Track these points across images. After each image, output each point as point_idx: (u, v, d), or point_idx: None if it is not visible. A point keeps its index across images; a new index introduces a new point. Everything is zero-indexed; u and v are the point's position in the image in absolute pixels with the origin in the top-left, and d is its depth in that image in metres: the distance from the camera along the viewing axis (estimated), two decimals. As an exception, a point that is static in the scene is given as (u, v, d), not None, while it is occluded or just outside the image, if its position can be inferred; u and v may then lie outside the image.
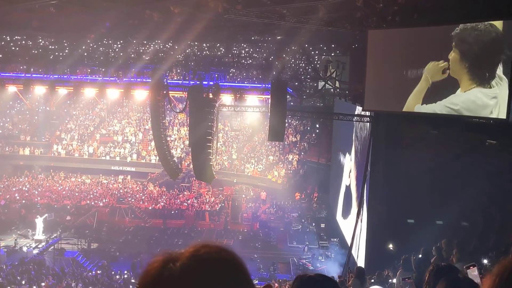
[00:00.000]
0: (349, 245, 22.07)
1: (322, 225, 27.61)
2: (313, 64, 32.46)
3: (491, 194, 14.85)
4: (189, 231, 27.50)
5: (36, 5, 21.24)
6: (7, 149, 35.56)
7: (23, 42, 35.87)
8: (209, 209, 29.45)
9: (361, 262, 18.76)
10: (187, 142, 32.91)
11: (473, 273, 3.96)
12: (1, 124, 37.69)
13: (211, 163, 22.34)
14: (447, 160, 18.63)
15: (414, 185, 17.75)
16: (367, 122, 19.22)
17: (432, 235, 13.74)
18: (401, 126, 18.97)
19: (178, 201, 30.18)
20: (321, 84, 27.88)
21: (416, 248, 12.21)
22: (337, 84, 24.73)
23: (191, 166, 26.41)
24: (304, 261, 23.79)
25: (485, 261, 9.97)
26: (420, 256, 10.56)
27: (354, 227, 20.20)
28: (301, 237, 26.29)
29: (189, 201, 30.06)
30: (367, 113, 18.94)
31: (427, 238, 13.76)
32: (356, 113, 20.35)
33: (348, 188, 23.93)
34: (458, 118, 16.10)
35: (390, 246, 17.43)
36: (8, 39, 35.21)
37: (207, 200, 30.57)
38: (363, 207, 19.19)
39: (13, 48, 35.52)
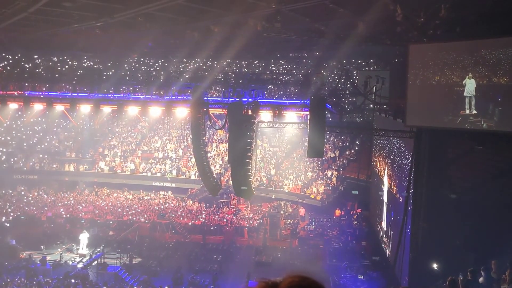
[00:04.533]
0: (392, 264, 21.54)
1: (363, 243, 27.07)
2: (352, 80, 32.26)
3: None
4: (228, 247, 27.53)
5: (82, 27, 22.14)
6: (54, 165, 36.87)
7: (69, 62, 37.41)
8: (247, 225, 29.44)
9: (404, 282, 18.26)
10: (225, 158, 33.18)
11: None
12: (48, 141, 39.16)
13: (250, 179, 22.42)
14: (493, 176, 18.00)
15: (458, 202, 17.23)
16: (409, 137, 18.84)
17: (479, 255, 13.26)
18: (444, 141, 18.52)
19: (217, 217, 30.35)
20: (360, 99, 27.62)
21: (462, 268, 11.82)
22: (377, 99, 24.42)
23: (230, 182, 26.57)
24: (344, 280, 23.34)
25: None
26: (468, 277, 10.19)
27: (397, 245, 19.72)
28: (341, 255, 25.82)
29: (228, 217, 30.18)
30: (409, 129, 18.59)
31: (474, 259, 13.28)
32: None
33: (389, 204, 23.45)
34: (505, 134, 15.59)
35: (435, 265, 16.90)
36: (56, 59, 36.84)
37: (246, 216, 30.60)
38: (406, 225, 18.72)
39: (59, 68, 37.10)
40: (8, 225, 28.47)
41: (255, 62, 38.19)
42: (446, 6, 15.08)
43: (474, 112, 15.27)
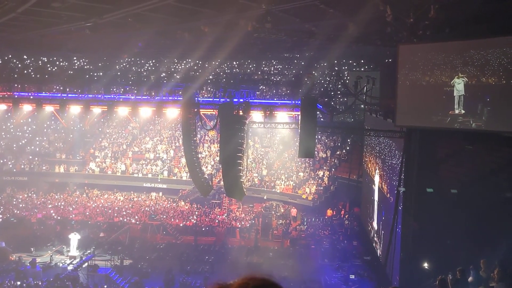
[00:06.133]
0: (383, 264, 21.64)
1: (355, 243, 27.16)
2: (343, 80, 32.36)
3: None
4: (220, 248, 27.48)
5: (72, 28, 21.97)
6: (43, 167, 36.58)
7: (59, 63, 37.16)
8: (239, 226, 29.40)
9: (395, 282, 18.35)
10: (217, 159, 33.10)
11: None
12: (38, 142, 38.85)
13: (241, 180, 22.40)
14: (483, 175, 18.15)
15: (448, 201, 17.35)
16: (399, 137, 18.94)
17: (469, 254, 13.34)
18: (434, 141, 18.66)
19: (209, 217, 30.28)
20: (351, 99, 27.72)
21: (453, 267, 11.88)
22: (368, 100, 24.52)
23: (222, 182, 26.54)
24: (336, 279, 23.41)
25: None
26: (457, 276, 10.25)
27: (388, 245, 19.82)
28: (333, 255, 25.88)
29: (219, 218, 30.13)
30: (399, 128, 18.69)
31: (464, 258, 13.37)
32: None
33: (380, 204, 23.55)
34: (495, 133, 15.72)
35: (425, 265, 17.01)
36: (45, 60, 36.57)
37: (238, 216, 30.57)
38: (396, 224, 18.82)
39: (49, 69, 36.84)
40: (-3, 227, 28.22)
41: (247, 63, 38.22)
42: (436, 7, 15.17)
43: (463, 112, 15.39)
